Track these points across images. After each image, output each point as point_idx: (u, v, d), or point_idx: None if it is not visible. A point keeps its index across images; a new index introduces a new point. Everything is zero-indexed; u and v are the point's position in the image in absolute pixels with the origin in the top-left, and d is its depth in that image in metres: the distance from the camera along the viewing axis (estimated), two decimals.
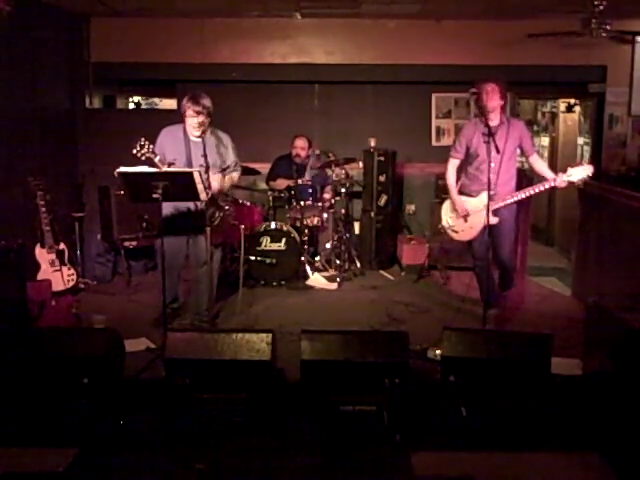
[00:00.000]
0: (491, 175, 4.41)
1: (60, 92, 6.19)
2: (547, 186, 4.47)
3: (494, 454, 3.11)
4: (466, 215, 4.65)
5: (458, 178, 4.77)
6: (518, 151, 4.65)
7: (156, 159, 4.11)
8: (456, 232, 4.80)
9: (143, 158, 4.08)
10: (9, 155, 5.15)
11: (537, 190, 4.47)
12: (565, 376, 3.74)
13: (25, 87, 5.46)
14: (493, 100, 4.43)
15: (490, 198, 4.39)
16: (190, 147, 4.43)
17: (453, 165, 4.75)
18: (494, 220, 4.48)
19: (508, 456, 3.10)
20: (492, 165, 4.42)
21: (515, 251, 4.80)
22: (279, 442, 3.26)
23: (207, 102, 4.37)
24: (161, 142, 4.43)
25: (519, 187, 4.62)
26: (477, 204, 4.56)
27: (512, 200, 4.52)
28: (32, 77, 5.57)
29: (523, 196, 4.51)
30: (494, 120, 4.47)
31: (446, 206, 4.89)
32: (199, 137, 4.37)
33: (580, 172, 4.32)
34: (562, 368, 3.74)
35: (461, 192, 4.73)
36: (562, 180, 4.36)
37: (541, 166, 4.64)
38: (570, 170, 4.34)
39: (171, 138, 4.45)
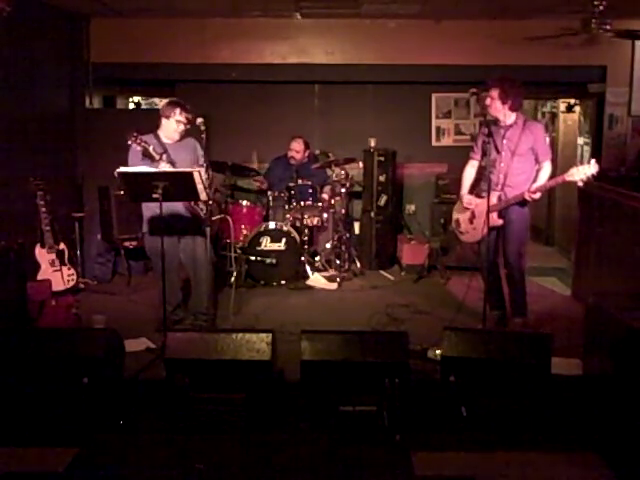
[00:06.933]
0: (499, 175, 4.37)
1: (60, 92, 6.18)
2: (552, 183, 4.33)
3: (494, 454, 3.12)
4: (472, 216, 4.55)
5: (476, 179, 4.66)
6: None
7: (150, 148, 4.17)
8: (462, 233, 4.76)
9: (138, 148, 4.15)
10: (9, 155, 5.14)
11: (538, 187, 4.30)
12: (565, 376, 3.74)
13: (25, 87, 5.45)
14: (492, 108, 4.40)
15: (497, 199, 4.31)
16: (169, 151, 4.40)
17: (471, 165, 4.71)
18: (499, 222, 4.40)
19: (508, 456, 3.11)
20: (501, 165, 4.37)
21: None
22: (279, 442, 3.25)
23: None
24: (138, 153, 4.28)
25: None
26: (482, 205, 4.34)
27: (514, 200, 4.37)
28: (32, 77, 5.57)
29: (524, 195, 4.31)
30: (506, 120, 4.41)
31: (457, 205, 4.82)
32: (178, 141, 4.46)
33: (581, 172, 4.09)
34: (562, 368, 3.74)
35: (476, 193, 4.62)
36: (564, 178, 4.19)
37: (543, 175, 4.41)
38: (572, 169, 4.14)
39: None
